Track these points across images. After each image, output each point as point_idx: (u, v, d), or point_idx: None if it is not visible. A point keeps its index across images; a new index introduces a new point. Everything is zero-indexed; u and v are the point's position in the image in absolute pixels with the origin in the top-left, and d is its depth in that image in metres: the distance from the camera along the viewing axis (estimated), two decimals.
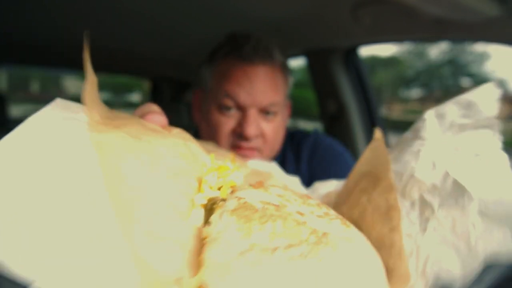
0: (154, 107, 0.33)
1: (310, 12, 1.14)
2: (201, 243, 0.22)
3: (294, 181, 0.42)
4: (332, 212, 0.26)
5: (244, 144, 0.70)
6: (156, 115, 0.31)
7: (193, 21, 1.33)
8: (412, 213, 0.25)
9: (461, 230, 0.22)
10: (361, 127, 1.52)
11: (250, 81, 0.70)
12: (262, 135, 0.72)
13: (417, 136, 0.30)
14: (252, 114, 0.70)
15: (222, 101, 0.71)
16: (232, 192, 0.26)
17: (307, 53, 1.53)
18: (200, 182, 0.26)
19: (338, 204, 0.32)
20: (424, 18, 0.94)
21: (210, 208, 0.25)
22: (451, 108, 0.29)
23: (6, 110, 2.02)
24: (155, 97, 3.16)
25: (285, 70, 0.77)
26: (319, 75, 1.55)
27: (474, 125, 0.27)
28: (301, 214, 0.24)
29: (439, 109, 0.31)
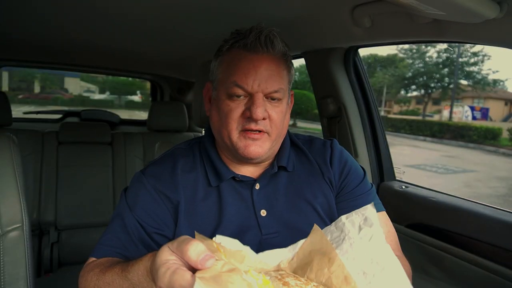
0: (201, 249, 0.43)
1: (310, 13, 1.15)
2: None
3: (264, 255, 0.54)
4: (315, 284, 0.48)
5: (253, 126, 0.76)
6: (210, 260, 0.42)
7: (192, 22, 1.33)
8: (363, 274, 0.49)
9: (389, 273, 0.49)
10: (360, 127, 1.52)
11: (255, 69, 0.76)
12: (269, 118, 0.78)
13: (344, 233, 0.54)
14: (259, 97, 0.76)
15: (231, 90, 0.77)
16: None
17: (306, 53, 1.54)
18: None
19: (303, 273, 0.52)
20: (423, 19, 0.95)
21: None
22: (356, 218, 0.54)
23: (8, 110, 2.02)
24: (155, 97, 3.18)
25: (287, 58, 0.82)
26: (318, 75, 1.56)
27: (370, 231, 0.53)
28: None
29: (349, 216, 0.55)
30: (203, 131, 1.94)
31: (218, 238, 0.51)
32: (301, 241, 0.55)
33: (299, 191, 0.85)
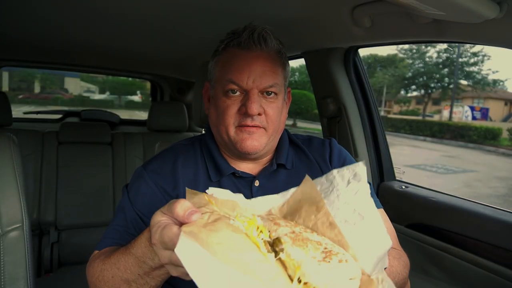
0: (187, 205, 0.49)
1: (310, 13, 1.15)
2: (286, 263, 0.45)
3: (256, 201, 0.59)
4: (308, 231, 0.50)
5: (249, 122, 0.78)
6: (195, 214, 0.47)
7: (192, 23, 1.33)
8: (344, 222, 0.53)
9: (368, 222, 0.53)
10: (360, 127, 1.52)
11: (250, 66, 0.78)
12: (265, 114, 0.80)
13: (333, 185, 0.57)
14: (254, 94, 0.78)
15: (227, 87, 0.79)
16: (270, 231, 0.49)
17: (306, 53, 1.54)
18: (249, 235, 0.47)
19: (292, 218, 0.55)
20: (423, 19, 0.95)
21: (272, 243, 0.47)
22: (346, 172, 0.57)
23: (8, 110, 2.02)
24: (155, 97, 3.18)
25: (281, 55, 0.84)
26: (318, 75, 1.56)
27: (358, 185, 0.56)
28: (305, 232, 0.49)
29: (340, 171, 0.58)
30: (203, 131, 1.94)
31: (211, 190, 0.57)
32: (292, 189, 0.59)
33: None
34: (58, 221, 2.04)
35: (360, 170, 0.57)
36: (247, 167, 0.86)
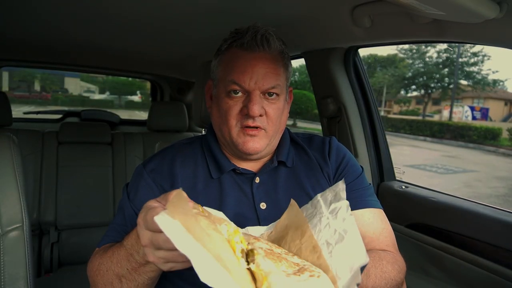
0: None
1: (310, 13, 1.15)
2: (255, 275, 0.45)
3: (248, 229, 0.62)
4: (290, 254, 0.53)
5: (250, 122, 0.79)
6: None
7: (192, 23, 1.33)
8: (326, 244, 0.55)
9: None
10: (360, 127, 1.52)
11: (252, 67, 0.79)
12: (266, 115, 0.81)
13: (316, 209, 0.60)
14: (256, 95, 0.79)
15: (229, 87, 0.80)
16: (249, 243, 0.50)
17: (306, 53, 1.54)
18: (230, 242, 0.48)
19: (279, 243, 0.57)
20: (423, 19, 0.95)
21: (246, 255, 0.48)
22: (328, 194, 0.61)
23: (8, 110, 2.02)
24: (155, 97, 3.18)
25: (284, 55, 0.85)
26: (318, 75, 1.56)
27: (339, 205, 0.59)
28: (286, 254, 0.52)
29: (323, 194, 0.61)
30: (203, 131, 1.94)
31: (206, 209, 0.59)
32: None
33: (299, 186, 0.87)
34: (58, 221, 2.04)
35: (340, 190, 0.59)
36: (248, 165, 0.87)
